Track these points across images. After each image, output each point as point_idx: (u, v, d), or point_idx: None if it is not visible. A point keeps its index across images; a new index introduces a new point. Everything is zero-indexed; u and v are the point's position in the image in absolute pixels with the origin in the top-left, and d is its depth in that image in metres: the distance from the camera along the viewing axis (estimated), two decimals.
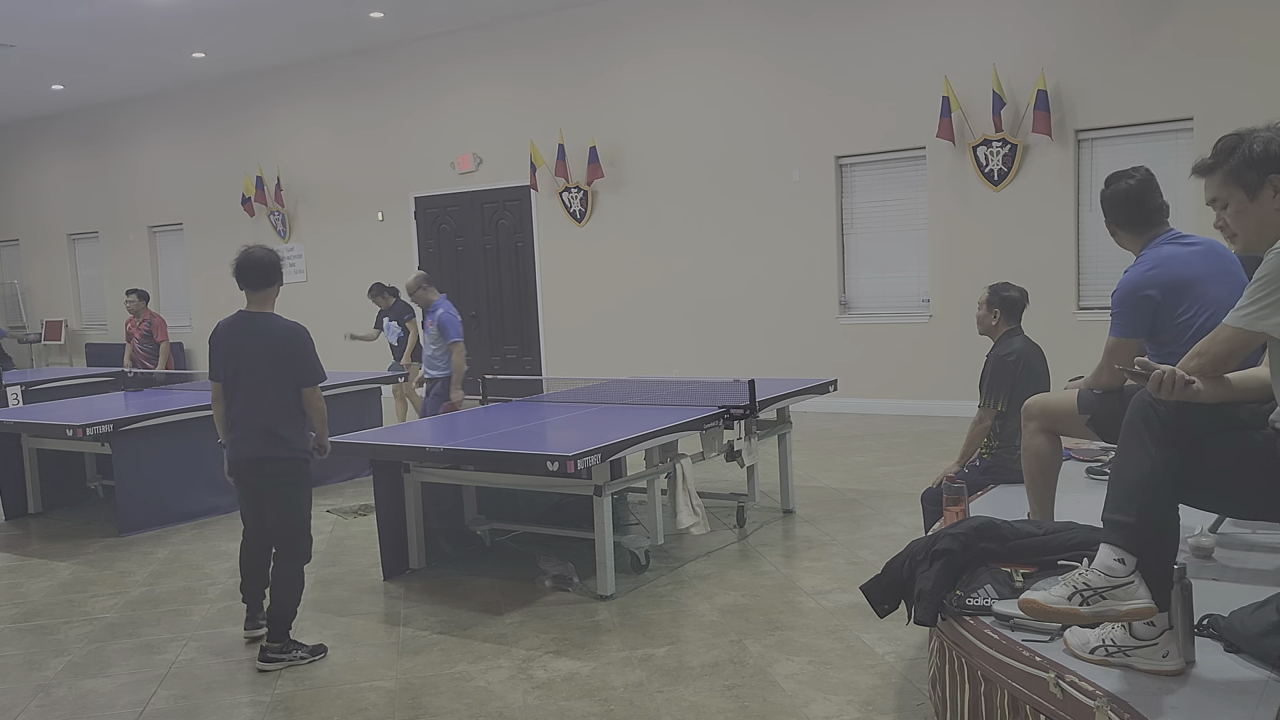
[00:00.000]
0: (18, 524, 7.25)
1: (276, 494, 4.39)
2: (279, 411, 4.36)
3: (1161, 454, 2.42)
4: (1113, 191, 3.46)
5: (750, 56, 10.71)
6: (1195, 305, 3.23)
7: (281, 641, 4.33)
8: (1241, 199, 2.53)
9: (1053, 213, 9.35)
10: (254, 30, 12.18)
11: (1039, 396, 3.61)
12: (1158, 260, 3.33)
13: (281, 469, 4.37)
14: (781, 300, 10.74)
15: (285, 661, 4.30)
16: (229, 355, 4.44)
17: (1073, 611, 2.43)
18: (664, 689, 3.89)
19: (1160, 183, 3.51)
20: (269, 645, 4.32)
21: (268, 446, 4.35)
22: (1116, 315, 3.34)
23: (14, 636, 4.87)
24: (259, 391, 4.37)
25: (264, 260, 4.44)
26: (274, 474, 4.37)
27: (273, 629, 4.34)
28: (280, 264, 4.55)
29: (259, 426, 4.35)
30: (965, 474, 4.61)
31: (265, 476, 4.38)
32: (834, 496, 6.88)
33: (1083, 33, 9.10)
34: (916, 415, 9.98)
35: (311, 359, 4.44)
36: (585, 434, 5.16)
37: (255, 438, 4.35)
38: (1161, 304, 3.25)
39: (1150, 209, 3.43)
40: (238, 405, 4.42)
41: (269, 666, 4.28)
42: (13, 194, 17.78)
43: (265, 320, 4.44)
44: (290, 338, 4.41)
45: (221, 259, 15.00)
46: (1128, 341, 3.32)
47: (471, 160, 12.63)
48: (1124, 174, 3.46)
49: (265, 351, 4.37)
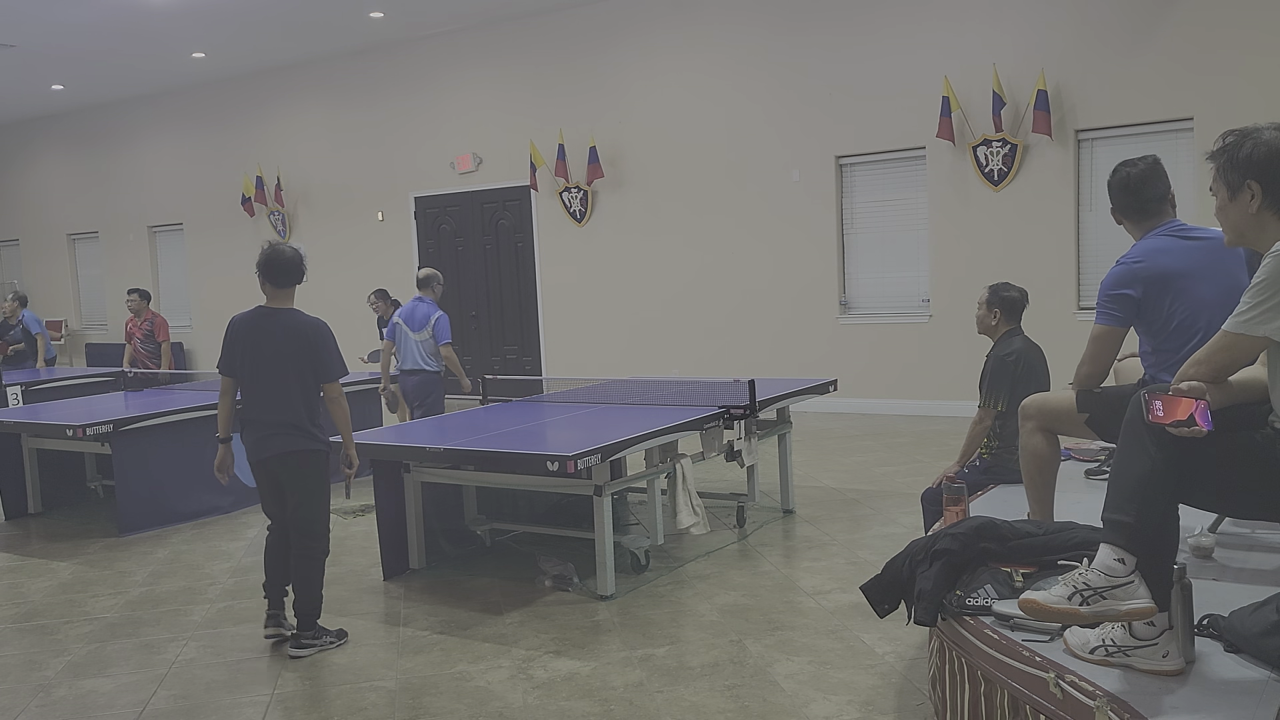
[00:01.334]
0: (18, 524, 7.25)
1: (302, 486, 4.45)
2: (303, 406, 4.43)
3: (1161, 454, 2.42)
4: (1116, 178, 3.49)
5: (750, 56, 10.71)
6: (1178, 301, 3.25)
7: (312, 630, 4.43)
8: (1224, 196, 2.57)
9: (1053, 213, 9.35)
10: (254, 30, 12.18)
11: (1036, 396, 3.61)
12: (1144, 253, 3.35)
13: (309, 461, 4.44)
14: (781, 300, 10.74)
15: (317, 647, 4.41)
16: (248, 350, 4.47)
17: (1073, 611, 2.43)
18: (664, 689, 3.89)
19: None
20: (300, 634, 4.42)
21: (295, 440, 4.41)
22: (1101, 305, 3.38)
23: (14, 636, 4.87)
24: (283, 386, 4.41)
25: (293, 259, 4.53)
26: (301, 466, 4.43)
27: (301, 620, 4.43)
28: (304, 263, 4.63)
29: (285, 421, 4.40)
30: (965, 474, 4.61)
31: (292, 470, 4.43)
32: (834, 496, 6.88)
33: (1083, 33, 9.10)
34: (916, 415, 9.98)
35: (335, 354, 4.51)
36: (585, 434, 5.17)
37: (282, 433, 4.40)
38: (1143, 299, 3.29)
39: (1149, 198, 3.43)
40: (257, 402, 4.46)
41: (302, 653, 4.37)
42: (13, 194, 17.78)
43: (289, 315, 4.49)
44: (314, 332, 4.47)
45: (222, 259, 15.04)
46: (1111, 331, 3.36)
47: (471, 160, 12.63)
48: (1130, 162, 3.48)
49: (289, 346, 4.41)
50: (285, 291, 4.53)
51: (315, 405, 4.48)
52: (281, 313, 4.49)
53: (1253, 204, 2.50)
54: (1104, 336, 3.37)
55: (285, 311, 4.50)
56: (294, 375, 4.41)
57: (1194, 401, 2.34)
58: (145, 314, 10.21)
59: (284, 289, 4.52)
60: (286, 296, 4.54)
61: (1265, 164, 2.47)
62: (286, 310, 4.51)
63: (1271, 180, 2.48)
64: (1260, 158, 2.48)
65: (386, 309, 9.71)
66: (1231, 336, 2.46)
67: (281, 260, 4.48)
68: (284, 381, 4.41)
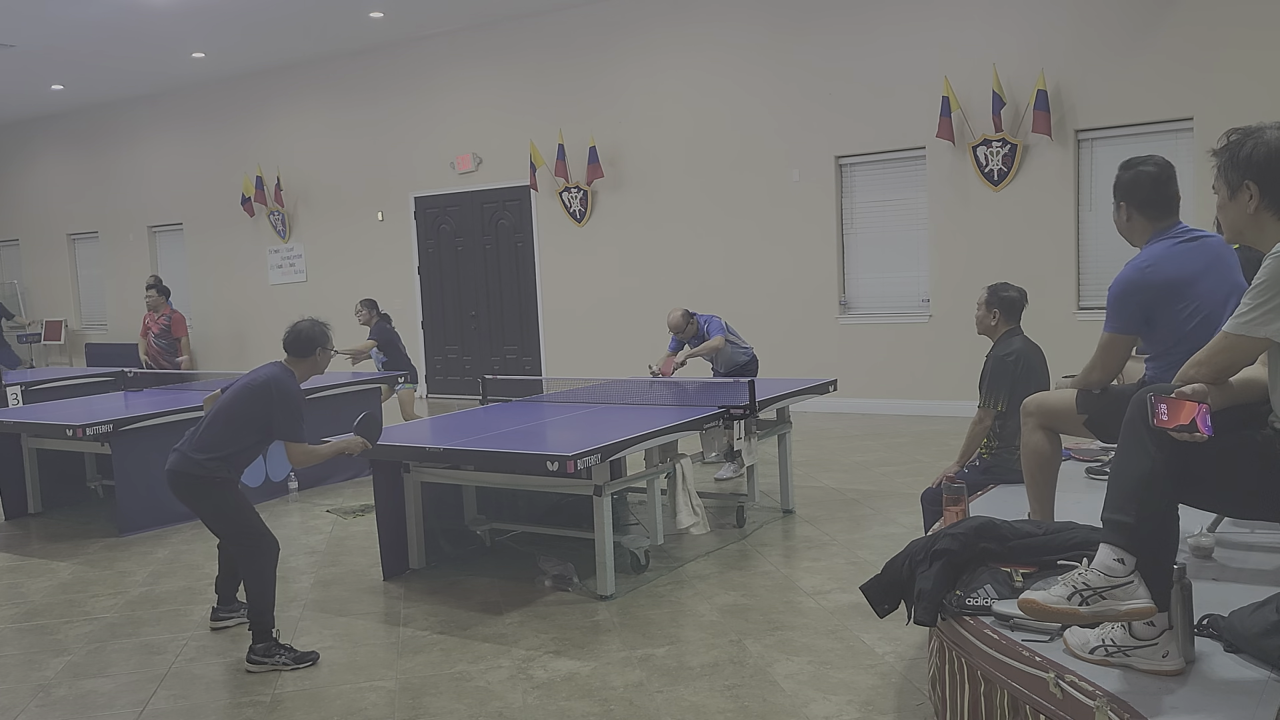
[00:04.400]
0: (18, 524, 7.25)
1: (197, 510, 4.57)
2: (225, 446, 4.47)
3: (1161, 454, 2.42)
4: (1135, 174, 3.33)
5: (750, 56, 10.71)
6: (1191, 304, 3.20)
7: (264, 643, 4.33)
8: (1224, 195, 2.58)
9: (1053, 213, 9.35)
10: (254, 30, 12.18)
11: (1037, 395, 3.60)
12: (1153, 259, 3.26)
13: (195, 485, 4.50)
14: (781, 300, 10.74)
15: (268, 665, 4.29)
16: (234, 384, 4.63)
17: (1072, 611, 2.43)
18: (664, 689, 3.89)
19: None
20: (252, 646, 4.34)
21: (187, 464, 4.46)
22: (1110, 311, 3.31)
23: (14, 636, 4.87)
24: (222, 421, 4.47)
25: (304, 331, 4.62)
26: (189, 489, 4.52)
27: (252, 625, 4.37)
28: (319, 336, 4.65)
29: (194, 447, 4.47)
30: (965, 474, 4.61)
31: (180, 492, 4.55)
32: (834, 496, 6.88)
33: (1083, 33, 9.10)
34: (916, 415, 9.98)
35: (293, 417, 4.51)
36: (585, 434, 5.17)
37: (181, 455, 4.49)
38: (1154, 304, 3.21)
39: (1170, 195, 3.34)
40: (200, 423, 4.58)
41: (253, 669, 4.30)
42: (13, 194, 17.78)
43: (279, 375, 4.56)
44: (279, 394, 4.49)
45: (222, 259, 15.05)
46: (1121, 337, 3.30)
47: (471, 160, 12.63)
48: (1143, 159, 3.35)
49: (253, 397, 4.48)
50: (296, 359, 4.62)
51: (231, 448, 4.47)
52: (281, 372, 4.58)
53: (1251, 204, 2.50)
54: (1113, 344, 3.31)
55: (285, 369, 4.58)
56: (240, 419, 4.46)
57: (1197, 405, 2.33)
58: (163, 310, 10.10)
59: (294, 357, 4.62)
60: (294, 363, 4.62)
61: (1264, 164, 2.48)
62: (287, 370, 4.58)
63: (1270, 181, 2.48)
64: (1260, 158, 2.48)
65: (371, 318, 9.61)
66: (1232, 338, 2.46)
67: (293, 332, 4.63)
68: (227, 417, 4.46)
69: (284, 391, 4.46)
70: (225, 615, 4.83)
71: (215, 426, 4.45)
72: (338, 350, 9.28)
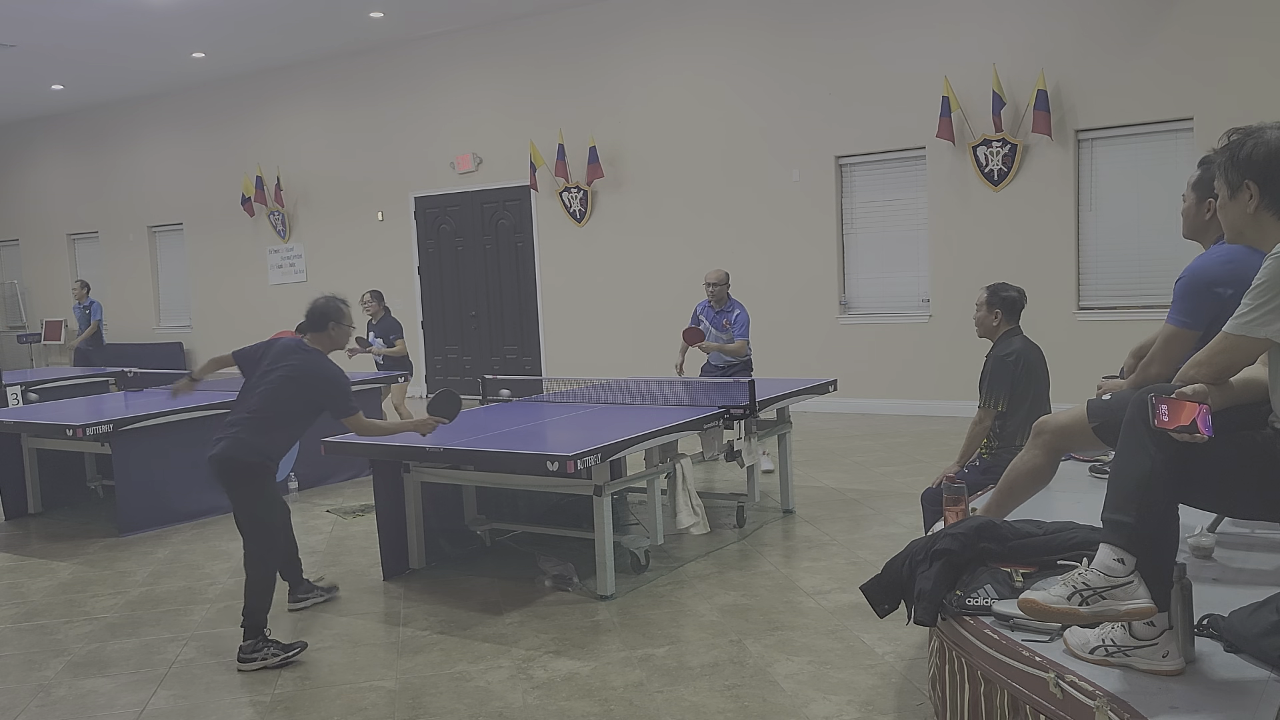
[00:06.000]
0: (18, 524, 7.25)
1: (231, 494, 4.56)
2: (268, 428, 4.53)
3: (1161, 454, 2.42)
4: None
5: (750, 56, 10.71)
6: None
7: (253, 639, 4.35)
8: (1224, 195, 2.58)
9: (1053, 213, 9.35)
10: (254, 30, 12.18)
11: (1052, 417, 3.40)
12: (1232, 255, 2.93)
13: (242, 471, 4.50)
14: (781, 300, 10.74)
15: (257, 661, 4.31)
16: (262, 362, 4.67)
17: (1072, 611, 2.43)
18: (664, 689, 3.89)
19: (1160, 183, 3.45)
20: (241, 644, 4.36)
21: (235, 450, 4.47)
22: (1178, 302, 3.00)
23: (14, 636, 4.87)
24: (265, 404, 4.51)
25: (320, 307, 4.75)
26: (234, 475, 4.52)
27: (244, 628, 4.40)
28: (333, 311, 4.76)
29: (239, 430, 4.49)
30: (965, 474, 4.61)
31: (225, 476, 4.53)
32: (834, 496, 6.88)
33: (1083, 33, 9.10)
34: (916, 415, 9.98)
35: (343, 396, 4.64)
36: (585, 434, 5.17)
37: (230, 439, 4.49)
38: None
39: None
40: (237, 406, 4.61)
41: (243, 667, 4.31)
42: (13, 194, 17.77)
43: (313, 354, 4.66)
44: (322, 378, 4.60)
45: (221, 259, 15.04)
46: (1185, 333, 2.97)
47: (471, 160, 12.63)
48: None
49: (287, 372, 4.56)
50: (313, 335, 4.72)
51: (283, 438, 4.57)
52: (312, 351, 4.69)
53: (1251, 204, 2.50)
54: (1175, 338, 2.99)
55: (313, 351, 4.67)
56: (284, 401, 4.52)
57: (1197, 406, 2.33)
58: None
59: (309, 332, 4.72)
60: (315, 339, 4.71)
61: (1264, 165, 2.47)
62: (315, 351, 4.67)
63: (1269, 181, 2.48)
64: (1260, 158, 2.47)
65: (379, 310, 9.64)
66: (1233, 338, 2.46)
67: (309, 307, 4.76)
68: (270, 400, 4.51)
69: (324, 376, 4.57)
70: (303, 596, 5.04)
71: (266, 415, 4.48)
72: (370, 349, 9.37)
